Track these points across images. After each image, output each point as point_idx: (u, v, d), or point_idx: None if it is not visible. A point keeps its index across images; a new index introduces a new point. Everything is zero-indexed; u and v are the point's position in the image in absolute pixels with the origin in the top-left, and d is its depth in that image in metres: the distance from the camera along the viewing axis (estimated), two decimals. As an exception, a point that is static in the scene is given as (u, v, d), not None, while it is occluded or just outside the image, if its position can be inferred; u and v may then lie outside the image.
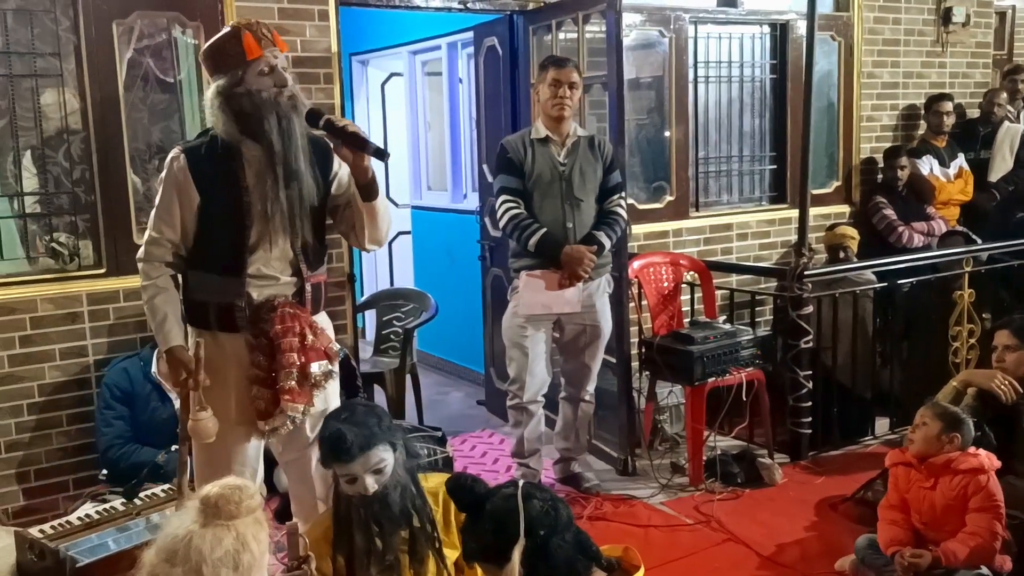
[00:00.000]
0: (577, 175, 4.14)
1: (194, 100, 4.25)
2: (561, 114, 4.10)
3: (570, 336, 4.29)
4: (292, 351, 2.80)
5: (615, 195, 4.22)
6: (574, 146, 4.16)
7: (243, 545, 1.77)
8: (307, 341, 2.84)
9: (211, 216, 2.80)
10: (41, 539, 2.99)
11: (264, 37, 2.76)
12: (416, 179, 7.12)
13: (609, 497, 4.29)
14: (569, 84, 4.08)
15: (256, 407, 2.84)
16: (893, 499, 3.46)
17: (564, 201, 4.10)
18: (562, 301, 4.10)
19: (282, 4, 4.32)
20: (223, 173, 2.78)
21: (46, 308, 3.98)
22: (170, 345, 2.80)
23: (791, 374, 4.62)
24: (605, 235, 4.13)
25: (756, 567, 3.65)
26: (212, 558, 1.73)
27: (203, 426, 2.75)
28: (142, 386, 3.95)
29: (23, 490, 4.00)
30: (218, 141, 2.78)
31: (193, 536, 1.75)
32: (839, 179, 6.23)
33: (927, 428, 3.35)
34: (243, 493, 1.83)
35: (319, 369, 2.87)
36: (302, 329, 2.83)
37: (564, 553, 2.02)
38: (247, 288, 2.81)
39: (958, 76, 6.66)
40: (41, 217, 4.05)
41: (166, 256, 2.85)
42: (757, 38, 5.86)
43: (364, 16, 6.33)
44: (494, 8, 5.02)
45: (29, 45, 3.92)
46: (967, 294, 5.09)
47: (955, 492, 3.26)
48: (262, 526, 1.85)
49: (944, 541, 3.23)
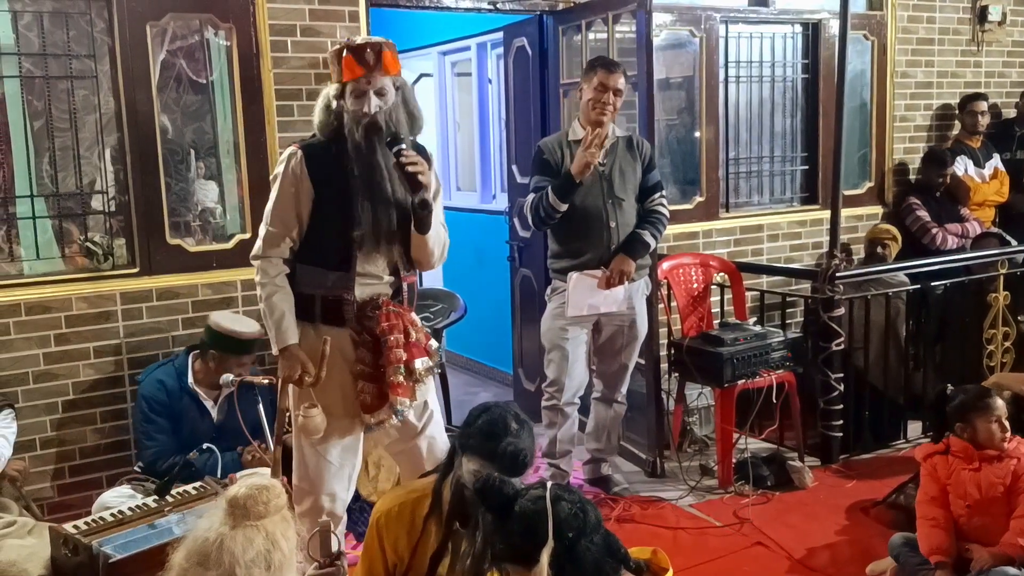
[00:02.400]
0: (617, 175, 4.11)
1: (226, 101, 4.29)
2: (601, 119, 4.03)
3: (607, 337, 4.27)
4: (399, 347, 2.94)
5: (656, 194, 4.19)
6: (612, 147, 4.13)
7: (273, 544, 1.78)
8: (411, 338, 2.98)
9: (324, 212, 2.95)
10: (75, 535, 3.03)
11: (365, 63, 2.88)
12: (445, 180, 7.12)
13: (638, 499, 4.27)
14: (615, 90, 4.03)
15: (362, 401, 2.96)
16: (932, 491, 3.41)
17: (606, 200, 4.07)
18: (610, 300, 4.09)
19: (313, 5, 4.34)
20: (336, 171, 2.94)
21: (80, 307, 4.03)
22: (287, 343, 2.93)
23: (822, 376, 4.58)
24: (650, 234, 4.12)
25: (786, 571, 3.62)
26: (245, 559, 1.73)
27: (313, 423, 2.89)
28: (179, 397, 3.89)
29: (57, 486, 4.06)
30: (330, 141, 2.97)
31: (224, 538, 1.75)
32: (872, 180, 6.16)
33: (1000, 423, 3.33)
34: (270, 492, 1.84)
35: (422, 365, 3.01)
36: (405, 327, 2.98)
37: (592, 555, 2.02)
38: (354, 284, 2.95)
39: (993, 75, 6.57)
40: (76, 217, 4.10)
41: (284, 252, 2.98)
42: (789, 37, 5.82)
43: (394, 17, 6.34)
44: (524, 8, 5.02)
45: (64, 47, 3.97)
46: (1002, 296, 5.02)
47: (1005, 472, 3.26)
48: (289, 524, 1.86)
49: (988, 526, 3.24)
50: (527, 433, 2.46)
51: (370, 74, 2.88)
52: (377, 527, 2.51)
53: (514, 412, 2.49)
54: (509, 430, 2.44)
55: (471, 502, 2.36)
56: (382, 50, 2.91)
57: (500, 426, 2.45)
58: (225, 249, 4.31)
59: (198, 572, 1.73)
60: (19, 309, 3.92)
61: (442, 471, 2.53)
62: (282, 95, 4.31)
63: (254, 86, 4.26)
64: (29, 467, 3.81)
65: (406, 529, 2.49)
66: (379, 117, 2.91)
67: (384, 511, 2.53)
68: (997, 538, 3.26)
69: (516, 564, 2.03)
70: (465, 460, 2.41)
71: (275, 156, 4.29)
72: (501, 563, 2.09)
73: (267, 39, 4.25)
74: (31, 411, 3.96)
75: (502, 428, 2.45)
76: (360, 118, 2.90)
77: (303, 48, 4.35)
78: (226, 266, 4.29)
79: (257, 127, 4.29)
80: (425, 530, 2.48)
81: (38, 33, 3.93)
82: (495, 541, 2.12)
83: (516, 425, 2.45)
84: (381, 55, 2.89)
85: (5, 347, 3.91)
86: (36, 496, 3.91)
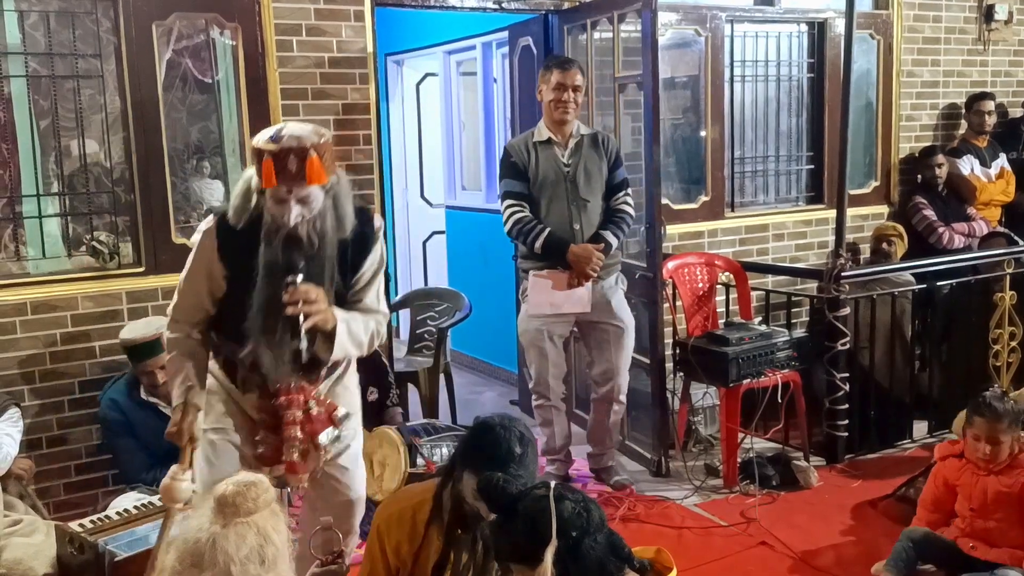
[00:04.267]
0: (582, 175, 4.14)
1: (231, 100, 4.30)
2: (564, 117, 4.11)
3: (594, 339, 4.29)
4: (295, 424, 2.71)
5: (620, 192, 4.20)
6: (577, 146, 4.16)
7: (265, 539, 1.77)
8: (312, 411, 2.75)
9: (233, 291, 2.72)
10: (81, 533, 3.04)
11: (287, 172, 2.51)
12: (450, 179, 7.13)
13: (642, 498, 4.27)
14: (573, 87, 4.07)
15: (261, 453, 2.76)
16: (938, 491, 3.44)
17: (570, 203, 4.10)
18: (572, 301, 4.10)
19: (318, 5, 4.35)
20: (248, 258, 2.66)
21: (86, 306, 4.04)
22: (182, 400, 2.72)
23: (827, 376, 4.57)
24: (612, 234, 4.13)
25: (791, 570, 3.62)
26: (239, 556, 1.73)
27: (176, 487, 2.65)
28: (135, 412, 3.84)
29: (63, 484, 4.07)
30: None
31: (216, 537, 1.74)
32: (877, 179, 6.15)
33: (1001, 446, 3.29)
34: (258, 488, 1.83)
35: (327, 439, 2.78)
36: (306, 402, 2.74)
37: (596, 554, 2.02)
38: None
39: (1000, 75, 6.55)
40: (82, 216, 4.11)
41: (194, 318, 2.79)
42: (794, 36, 5.81)
43: (399, 16, 6.35)
44: (529, 8, 5.02)
45: (71, 46, 3.98)
46: (1008, 296, 5.01)
47: (1011, 483, 3.26)
48: (279, 517, 1.85)
49: (991, 531, 3.26)
50: (531, 457, 2.32)
51: (291, 183, 2.52)
52: (379, 531, 2.50)
53: (519, 434, 2.33)
54: (513, 457, 2.29)
55: (471, 515, 2.32)
56: (307, 157, 2.50)
57: (503, 450, 2.31)
58: (230, 248, 4.31)
59: (193, 574, 1.72)
60: (25, 308, 3.93)
61: (443, 478, 2.49)
62: (287, 95, 4.32)
63: (259, 86, 4.27)
64: (35, 466, 3.82)
65: (408, 534, 2.48)
66: (300, 229, 2.58)
67: (386, 516, 2.52)
68: (999, 542, 3.28)
69: (520, 563, 2.03)
70: (466, 476, 2.33)
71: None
72: (505, 562, 2.09)
73: (272, 39, 4.26)
74: (37, 410, 3.97)
75: (505, 453, 2.30)
76: (279, 227, 2.58)
77: (308, 48, 4.35)
78: (231, 265, 4.29)
79: (262, 126, 4.20)
80: (427, 536, 2.45)
81: (44, 33, 3.94)
82: (499, 540, 2.12)
83: (520, 450, 2.30)
84: (306, 163, 2.50)
85: (11, 346, 3.92)
86: (42, 495, 3.92)
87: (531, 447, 2.36)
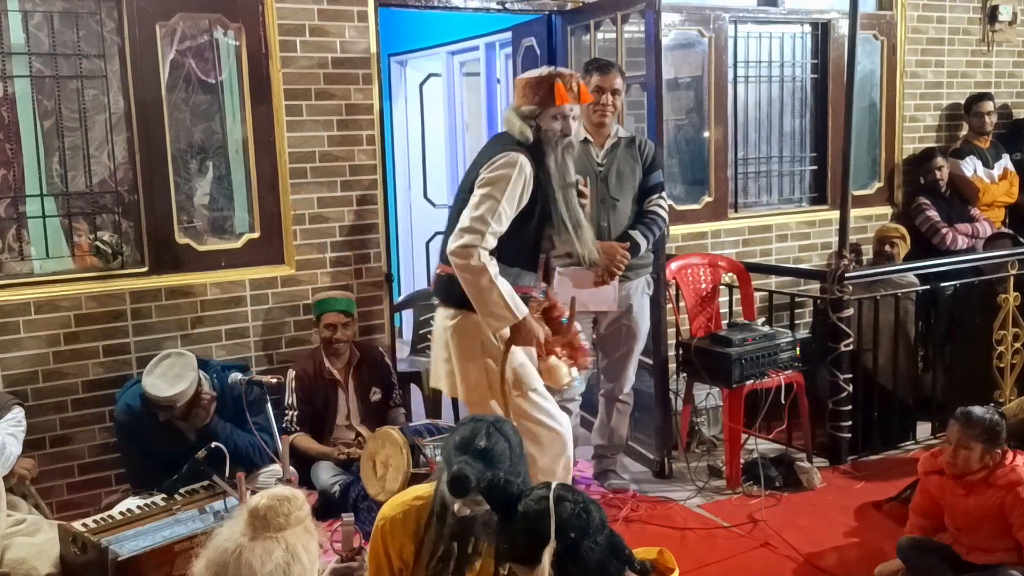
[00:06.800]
0: (614, 176, 4.13)
1: (235, 101, 4.30)
2: (602, 120, 4.12)
3: (608, 334, 4.29)
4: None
5: (655, 194, 4.20)
6: (613, 147, 4.16)
7: (293, 557, 1.74)
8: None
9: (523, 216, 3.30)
10: (84, 532, 3.04)
11: (571, 91, 3.31)
12: (453, 179, 7.12)
13: (645, 499, 4.27)
14: (612, 91, 4.08)
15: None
16: (926, 503, 3.45)
17: (599, 200, 4.09)
18: (598, 299, 4.09)
19: (322, 5, 4.35)
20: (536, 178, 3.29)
21: (90, 306, 4.05)
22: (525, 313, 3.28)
23: (831, 377, 4.57)
24: (641, 234, 4.11)
25: (794, 572, 3.62)
26: (263, 572, 1.69)
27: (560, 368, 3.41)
28: (148, 419, 3.86)
29: (66, 484, 4.07)
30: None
31: (243, 550, 1.72)
32: (881, 180, 6.15)
33: (969, 453, 3.26)
34: (291, 504, 1.80)
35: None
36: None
37: (595, 556, 2.02)
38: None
39: (1004, 75, 6.54)
40: (86, 216, 4.12)
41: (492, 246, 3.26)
42: (798, 37, 5.80)
43: (402, 17, 6.35)
44: (532, 8, 5.02)
45: (75, 47, 3.99)
46: (1012, 297, 5.00)
47: (991, 503, 3.23)
48: (312, 535, 1.82)
49: (981, 544, 3.24)
50: (498, 454, 2.26)
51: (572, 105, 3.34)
52: (382, 533, 2.51)
53: (493, 431, 2.30)
54: (475, 448, 2.26)
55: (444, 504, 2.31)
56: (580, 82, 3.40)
57: (468, 439, 2.28)
58: (234, 248, 4.32)
59: None
60: (28, 308, 3.94)
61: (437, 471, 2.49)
62: (291, 95, 4.32)
63: (263, 86, 4.27)
64: (38, 465, 3.83)
65: (410, 536, 2.48)
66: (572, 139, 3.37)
67: (389, 517, 2.52)
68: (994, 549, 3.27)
69: (519, 564, 2.03)
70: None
71: (284, 155, 4.31)
72: (505, 562, 2.09)
73: (276, 39, 4.26)
74: (40, 409, 3.98)
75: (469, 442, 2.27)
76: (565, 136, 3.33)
77: (312, 48, 4.35)
78: (235, 265, 4.31)
79: (266, 127, 4.31)
80: (427, 535, 2.45)
81: (48, 33, 3.94)
82: (499, 540, 2.12)
83: (484, 444, 2.26)
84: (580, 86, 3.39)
85: (15, 346, 3.92)
86: (45, 494, 3.92)
87: (503, 445, 2.30)
